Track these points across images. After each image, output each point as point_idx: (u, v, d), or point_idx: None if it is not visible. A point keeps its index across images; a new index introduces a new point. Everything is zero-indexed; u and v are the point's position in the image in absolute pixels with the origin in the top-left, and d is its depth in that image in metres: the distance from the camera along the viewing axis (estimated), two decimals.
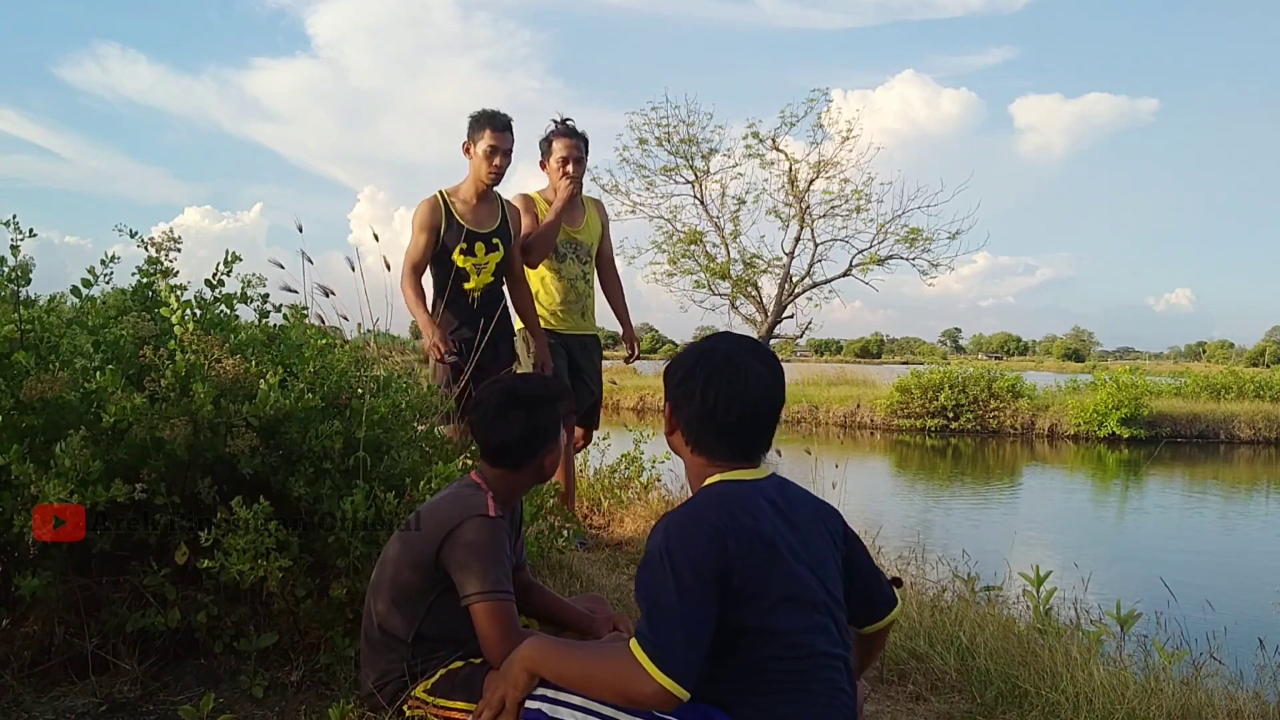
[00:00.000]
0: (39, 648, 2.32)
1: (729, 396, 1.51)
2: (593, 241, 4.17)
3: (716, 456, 1.56)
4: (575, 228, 4.08)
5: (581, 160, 3.99)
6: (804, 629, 1.45)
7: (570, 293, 4.06)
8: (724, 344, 1.59)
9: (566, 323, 4.08)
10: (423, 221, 3.67)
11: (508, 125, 3.65)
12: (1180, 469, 14.18)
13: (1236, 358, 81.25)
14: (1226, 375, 20.20)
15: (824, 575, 1.52)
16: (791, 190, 17.92)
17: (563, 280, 4.05)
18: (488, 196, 3.74)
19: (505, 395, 2.06)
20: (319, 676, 2.36)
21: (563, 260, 4.04)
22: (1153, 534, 9.06)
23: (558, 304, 4.06)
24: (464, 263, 3.66)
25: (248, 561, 2.21)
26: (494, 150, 3.60)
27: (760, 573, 1.43)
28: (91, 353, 2.42)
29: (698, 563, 1.40)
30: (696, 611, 1.38)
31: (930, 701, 2.42)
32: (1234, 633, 2.82)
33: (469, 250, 3.65)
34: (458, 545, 1.91)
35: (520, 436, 2.03)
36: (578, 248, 4.09)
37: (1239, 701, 2.23)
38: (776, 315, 18.15)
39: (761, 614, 1.42)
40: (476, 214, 3.71)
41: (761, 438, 1.57)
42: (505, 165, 3.66)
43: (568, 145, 3.95)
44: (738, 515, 1.46)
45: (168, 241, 2.66)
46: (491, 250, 3.70)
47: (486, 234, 3.69)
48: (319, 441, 2.44)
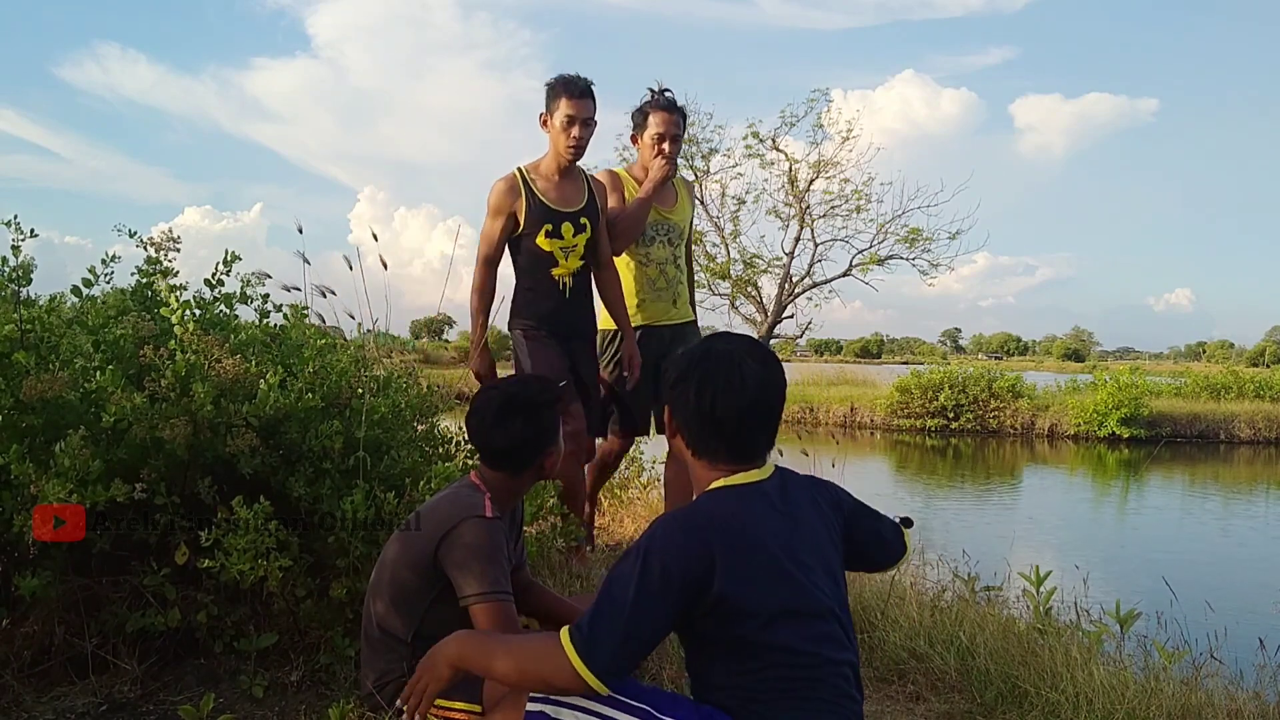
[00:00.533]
0: (39, 648, 2.32)
1: (726, 396, 1.50)
2: (684, 224, 3.78)
3: (718, 459, 1.54)
4: (667, 208, 3.69)
5: (679, 138, 3.61)
6: (810, 639, 1.44)
7: (660, 279, 3.67)
8: (719, 343, 1.57)
9: (653, 311, 3.69)
10: (497, 204, 3.30)
11: (586, 91, 3.24)
12: (1180, 469, 14.18)
13: (1236, 358, 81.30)
14: (1226, 375, 20.19)
15: (829, 572, 1.51)
16: (791, 190, 17.92)
17: (651, 265, 3.66)
18: (571, 172, 3.37)
19: (503, 401, 2.05)
20: (319, 676, 2.36)
21: (650, 243, 3.65)
22: (1153, 534, 9.06)
23: (645, 291, 3.67)
24: (550, 246, 3.29)
25: (248, 561, 2.21)
26: (571, 120, 3.21)
27: (759, 585, 1.42)
28: (91, 353, 2.42)
29: (670, 566, 1.39)
30: (647, 613, 1.38)
31: (930, 701, 2.42)
32: (1234, 633, 2.82)
33: (555, 232, 3.28)
34: (455, 546, 1.92)
35: (520, 442, 2.03)
36: (669, 230, 3.70)
37: (1239, 701, 2.23)
38: (776, 315, 18.15)
39: (765, 629, 1.41)
40: (561, 191, 3.33)
41: (762, 436, 1.55)
42: (586, 136, 3.27)
43: (665, 121, 3.54)
44: (736, 523, 1.45)
45: (167, 241, 2.67)
46: (580, 231, 3.32)
47: (573, 213, 3.31)
48: (319, 441, 2.44)
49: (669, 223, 3.69)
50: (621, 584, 1.40)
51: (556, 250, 3.30)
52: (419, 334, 30.24)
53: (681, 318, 3.76)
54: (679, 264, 3.74)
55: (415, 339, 9.58)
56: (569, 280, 3.34)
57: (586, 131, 3.25)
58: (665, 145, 3.53)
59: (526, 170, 3.35)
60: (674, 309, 3.72)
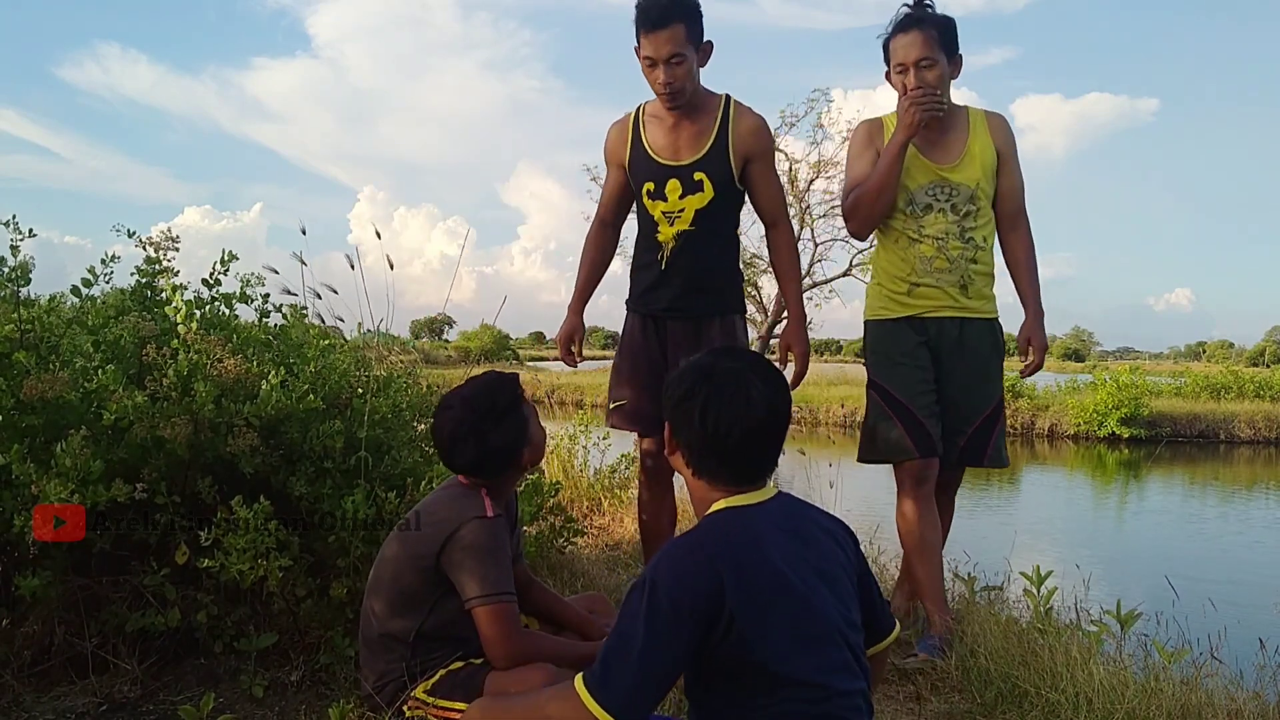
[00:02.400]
0: (39, 648, 2.32)
1: (730, 418, 1.43)
2: (974, 184, 2.72)
3: (719, 480, 1.48)
4: (947, 165, 2.73)
5: (937, 63, 2.60)
6: (823, 669, 1.37)
7: (938, 258, 2.72)
8: (725, 360, 1.51)
9: (923, 301, 2.76)
10: (609, 152, 2.77)
11: (663, 19, 2.48)
12: (1180, 469, 14.19)
13: (1236, 358, 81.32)
14: (1226, 375, 20.20)
15: (840, 595, 1.46)
16: (792, 190, 17.92)
17: (926, 240, 2.73)
18: (693, 112, 2.64)
19: (453, 426, 1.99)
20: (319, 676, 2.36)
21: (925, 212, 2.73)
22: (1153, 534, 9.07)
23: (920, 273, 2.75)
24: (653, 208, 2.69)
25: (248, 561, 2.21)
26: (651, 62, 2.54)
27: (769, 611, 1.36)
28: (91, 352, 2.43)
29: (679, 600, 1.33)
30: (660, 649, 1.33)
31: (930, 701, 2.42)
32: (1234, 633, 2.82)
33: (658, 191, 2.66)
34: (458, 548, 1.92)
35: (481, 457, 2.00)
36: (952, 193, 2.72)
37: (1239, 701, 2.22)
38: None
39: (777, 659, 1.35)
40: (672, 139, 2.66)
41: (765, 459, 1.49)
42: (678, 78, 2.54)
43: (910, 44, 2.61)
44: (741, 547, 1.40)
45: (166, 241, 2.67)
46: (690, 190, 2.63)
47: (684, 167, 2.63)
48: (320, 441, 2.44)
49: (950, 184, 2.72)
50: (631, 620, 1.35)
51: (659, 214, 2.68)
52: (419, 334, 30.26)
53: (969, 309, 2.77)
54: (970, 238, 2.74)
55: (415, 339, 9.61)
56: (671, 246, 2.68)
57: (675, 73, 2.53)
58: (912, 78, 2.61)
59: (644, 110, 2.72)
60: (962, 297, 2.76)
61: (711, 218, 2.67)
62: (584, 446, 5.53)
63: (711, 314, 2.74)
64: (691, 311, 2.73)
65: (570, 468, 5.41)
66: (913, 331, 2.77)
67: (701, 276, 2.71)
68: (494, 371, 2.12)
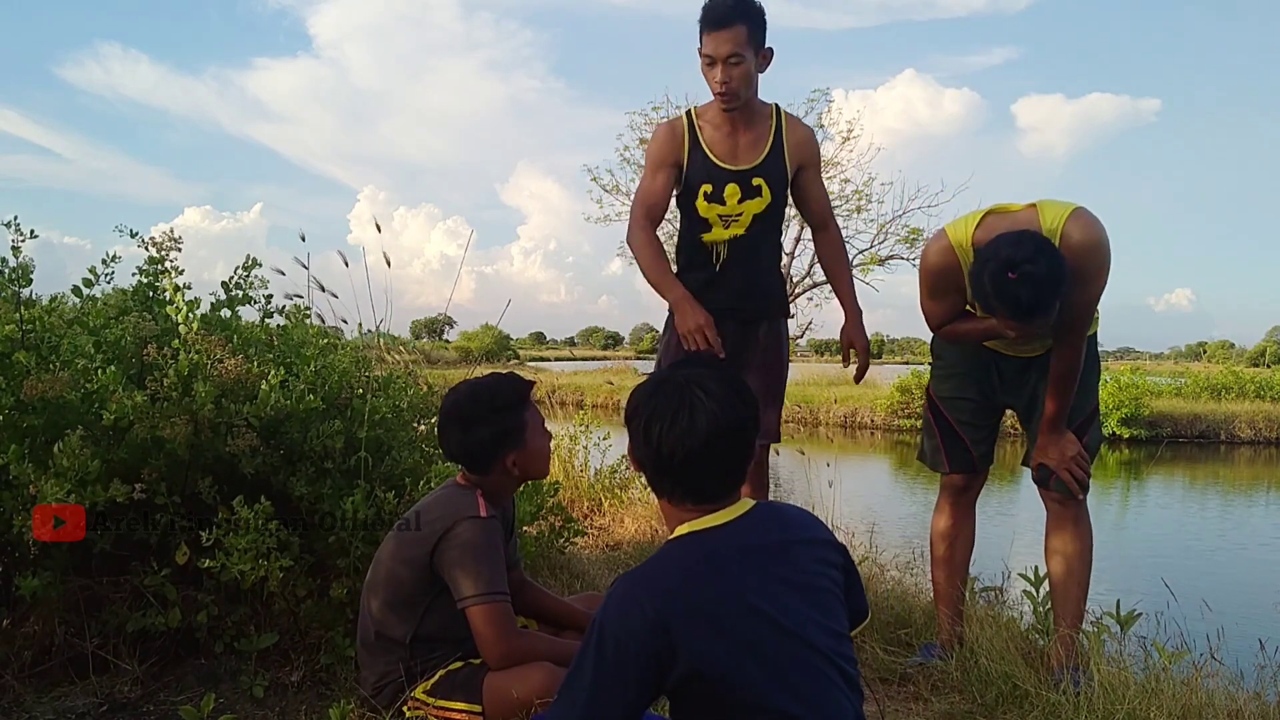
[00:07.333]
0: (39, 648, 2.32)
1: (673, 438, 1.33)
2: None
3: (678, 500, 1.39)
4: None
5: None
6: (800, 698, 1.28)
7: None
8: (680, 373, 1.40)
9: None
10: (659, 155, 2.69)
11: (727, 18, 2.46)
12: (1181, 469, 14.18)
13: (1237, 358, 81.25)
14: (1227, 375, 20.18)
15: (821, 606, 1.37)
16: None
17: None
18: (748, 117, 2.65)
19: (449, 408, 2.04)
20: (319, 676, 2.36)
21: None
22: (1153, 534, 9.06)
23: None
24: (707, 212, 2.66)
25: (248, 561, 2.21)
26: (711, 61, 2.53)
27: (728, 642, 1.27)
28: (92, 353, 2.43)
29: (624, 643, 1.25)
30: (608, 694, 1.26)
31: (930, 702, 2.42)
32: (1234, 633, 2.81)
33: (715, 195, 2.64)
34: (451, 548, 1.91)
35: (474, 446, 2.01)
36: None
37: (1239, 702, 2.22)
38: None
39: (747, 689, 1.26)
40: (732, 142, 2.65)
41: (721, 478, 1.38)
42: (734, 79, 2.51)
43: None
44: (695, 579, 1.30)
45: (168, 241, 2.67)
46: (749, 195, 2.63)
47: (743, 172, 2.63)
48: (320, 441, 2.44)
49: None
50: (581, 658, 1.29)
51: (714, 217, 2.66)
52: (419, 334, 30.26)
53: None
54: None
55: (415, 339, 9.60)
56: (724, 247, 2.68)
57: (734, 74, 2.51)
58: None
59: (696, 114, 2.70)
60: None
61: (766, 222, 2.70)
62: (584, 447, 5.54)
63: (761, 317, 2.76)
64: (744, 314, 2.73)
65: (570, 468, 5.42)
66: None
67: (756, 280, 2.74)
68: (514, 373, 2.14)
